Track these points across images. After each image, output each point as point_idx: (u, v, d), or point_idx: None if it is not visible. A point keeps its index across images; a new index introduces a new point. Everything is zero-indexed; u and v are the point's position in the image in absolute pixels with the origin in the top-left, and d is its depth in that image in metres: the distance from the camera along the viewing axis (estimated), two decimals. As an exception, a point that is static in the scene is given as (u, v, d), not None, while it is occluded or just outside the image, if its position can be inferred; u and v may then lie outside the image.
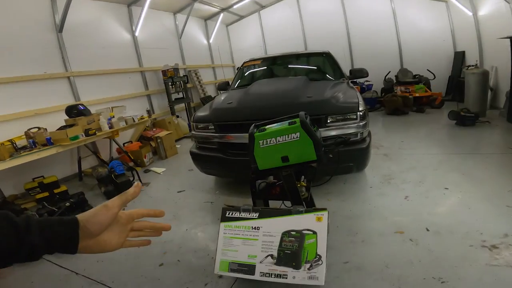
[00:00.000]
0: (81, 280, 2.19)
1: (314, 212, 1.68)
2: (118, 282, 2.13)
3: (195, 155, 3.34)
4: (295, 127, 1.76)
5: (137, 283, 2.10)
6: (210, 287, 1.96)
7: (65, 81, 4.74)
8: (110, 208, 0.57)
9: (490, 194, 2.71)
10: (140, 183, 0.69)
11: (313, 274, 1.59)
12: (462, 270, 1.82)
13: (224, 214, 1.85)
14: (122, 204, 0.60)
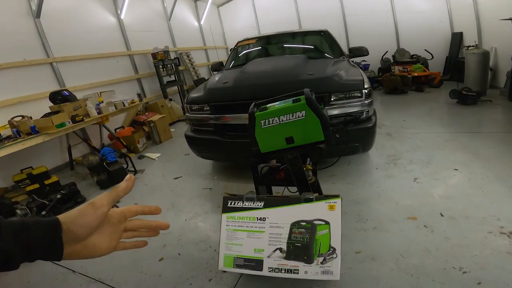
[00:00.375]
0: (79, 279, 2.05)
1: (326, 200, 1.50)
2: (118, 279, 2.00)
3: (191, 138, 3.17)
4: (300, 104, 1.56)
5: (137, 280, 1.96)
6: (214, 282, 1.82)
7: (47, 67, 4.51)
8: (98, 206, 0.49)
9: (502, 175, 2.60)
10: (132, 176, 0.57)
11: (327, 268, 1.45)
12: (483, 259, 1.71)
13: (226, 204, 1.66)
14: (112, 201, 0.52)
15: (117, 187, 0.53)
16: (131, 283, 1.95)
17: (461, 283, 1.57)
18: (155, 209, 0.60)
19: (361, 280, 1.68)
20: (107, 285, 1.96)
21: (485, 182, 2.52)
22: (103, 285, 1.96)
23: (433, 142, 3.55)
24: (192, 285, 1.83)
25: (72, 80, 4.77)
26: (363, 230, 2.10)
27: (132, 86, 6.13)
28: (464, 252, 1.78)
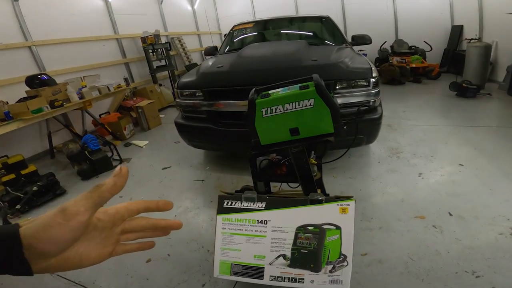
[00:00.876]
0: (57, 281, 1.84)
1: (337, 202, 1.31)
2: (100, 282, 1.80)
3: (181, 126, 2.94)
4: (309, 92, 1.36)
5: (122, 283, 1.77)
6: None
7: (26, 51, 4.19)
8: (70, 215, 0.35)
9: (509, 172, 2.49)
10: (124, 168, 0.41)
11: (336, 278, 1.28)
12: (496, 262, 1.60)
13: (222, 204, 1.43)
14: (93, 206, 0.37)
15: (101, 185, 0.38)
16: (115, 287, 1.76)
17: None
18: (164, 205, 0.46)
19: (369, 285, 1.55)
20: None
21: (492, 180, 2.41)
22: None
23: (436, 135, 3.44)
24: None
25: (54, 64, 4.47)
26: (369, 230, 1.96)
27: (119, 70, 5.80)
28: (476, 255, 1.67)
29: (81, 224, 0.36)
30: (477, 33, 6.41)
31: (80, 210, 0.35)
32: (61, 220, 0.35)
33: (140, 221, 0.46)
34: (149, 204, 0.44)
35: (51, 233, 0.34)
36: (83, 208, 0.36)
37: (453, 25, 7.56)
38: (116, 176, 0.39)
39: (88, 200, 0.36)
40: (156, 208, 0.45)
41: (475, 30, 6.51)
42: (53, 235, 0.35)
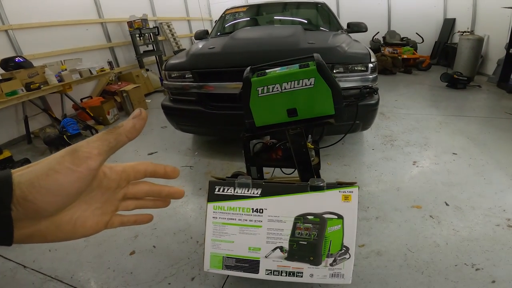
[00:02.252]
0: (31, 275, 1.69)
1: (339, 189, 1.21)
2: (79, 277, 1.66)
3: (169, 108, 2.79)
4: (310, 70, 1.26)
5: (104, 278, 1.63)
6: (198, 282, 1.55)
7: (2, 35, 3.92)
8: (82, 158, 0.27)
9: (502, 162, 2.49)
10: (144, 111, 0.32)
11: (338, 271, 1.20)
12: (495, 255, 1.57)
13: (212, 191, 1.30)
14: (108, 150, 0.29)
15: (119, 127, 0.31)
16: (96, 281, 1.63)
17: (475, 281, 1.43)
18: (172, 171, 0.39)
19: (368, 279, 1.48)
20: (66, 283, 1.62)
21: (486, 169, 2.40)
22: (61, 284, 1.62)
23: (428, 124, 3.44)
24: (171, 285, 1.55)
25: (32, 48, 4.20)
26: (366, 220, 1.89)
27: (103, 54, 5.53)
28: (474, 247, 1.63)
29: (91, 171, 0.29)
30: (469, 26, 6.46)
31: (93, 152, 0.29)
32: (69, 164, 0.27)
33: (144, 186, 0.39)
34: (157, 168, 0.37)
35: (56, 181, 0.27)
36: (97, 151, 0.29)
37: (445, 18, 7.60)
38: (135, 118, 0.32)
39: (103, 142, 0.29)
40: (164, 174, 0.38)
41: (467, 23, 6.56)
42: (58, 184, 0.27)
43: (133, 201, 0.39)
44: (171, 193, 0.41)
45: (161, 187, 0.40)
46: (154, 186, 0.40)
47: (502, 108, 3.90)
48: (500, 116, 3.61)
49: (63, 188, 0.27)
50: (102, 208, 0.35)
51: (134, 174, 0.37)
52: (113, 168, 0.35)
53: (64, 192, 0.28)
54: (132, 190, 0.38)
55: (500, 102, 4.23)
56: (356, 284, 1.44)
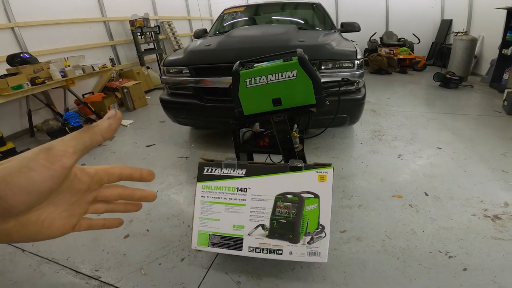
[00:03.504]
0: (29, 258, 1.78)
1: (316, 169, 1.33)
2: (74, 258, 1.75)
3: (166, 102, 2.93)
4: (292, 64, 1.39)
5: (98, 259, 1.73)
6: (187, 262, 1.65)
7: (8, 32, 4.05)
8: (56, 156, 0.27)
9: (484, 156, 2.60)
10: (118, 112, 0.33)
11: (314, 249, 1.31)
12: (468, 243, 1.66)
13: (201, 172, 1.43)
14: (83, 149, 0.29)
15: (94, 126, 0.31)
16: (90, 263, 1.72)
17: (448, 268, 1.51)
18: (147, 174, 0.39)
19: (347, 262, 1.57)
20: (62, 265, 1.72)
21: (467, 163, 2.50)
22: (57, 266, 1.72)
23: (417, 121, 3.55)
24: (162, 265, 1.65)
25: (37, 45, 4.33)
26: (349, 208, 2.00)
27: (105, 52, 5.66)
28: (449, 235, 1.72)
29: (65, 170, 0.28)
30: (464, 27, 6.55)
31: (68, 151, 0.28)
32: (44, 162, 0.26)
33: (116, 189, 0.39)
34: (133, 171, 0.38)
35: (29, 178, 0.26)
36: (72, 150, 0.28)
37: (442, 19, 7.68)
38: (111, 118, 0.32)
39: (78, 140, 0.29)
40: (140, 177, 0.39)
41: (464, 24, 6.65)
42: (31, 181, 0.26)
43: (104, 205, 0.39)
44: (143, 196, 0.41)
45: (134, 190, 0.40)
46: (127, 189, 0.40)
47: (491, 106, 4.00)
48: (488, 114, 3.72)
49: (36, 185, 0.27)
50: (70, 210, 0.34)
51: (108, 177, 0.37)
52: (85, 170, 0.35)
53: (36, 190, 0.27)
54: (104, 193, 0.38)
55: (490, 101, 4.32)
56: (335, 266, 1.54)
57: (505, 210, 1.90)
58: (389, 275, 1.48)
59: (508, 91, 3.85)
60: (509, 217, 1.84)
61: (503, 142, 2.85)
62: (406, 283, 1.43)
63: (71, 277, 1.63)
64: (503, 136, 2.98)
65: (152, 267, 1.64)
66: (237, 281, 1.49)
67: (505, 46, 4.91)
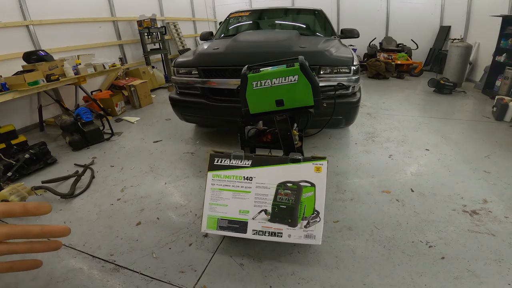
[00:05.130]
0: None
1: (312, 161, 1.53)
2: (90, 244, 1.88)
3: (175, 100, 3.13)
4: (294, 69, 1.59)
5: (112, 245, 1.86)
6: (195, 247, 1.81)
7: (23, 29, 4.23)
8: None
9: (468, 158, 2.81)
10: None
11: (310, 233, 1.51)
12: (447, 235, 1.84)
13: (212, 162, 1.64)
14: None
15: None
16: (105, 248, 1.84)
17: (427, 257, 1.67)
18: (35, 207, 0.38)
19: (339, 249, 1.75)
20: (79, 250, 1.83)
21: (452, 163, 2.71)
22: (74, 251, 1.83)
23: (409, 124, 3.77)
24: (172, 250, 1.79)
25: (49, 43, 4.50)
26: (342, 201, 2.20)
27: (113, 51, 5.86)
28: (430, 227, 1.90)
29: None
30: (462, 34, 6.74)
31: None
32: None
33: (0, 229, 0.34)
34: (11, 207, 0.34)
35: None
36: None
37: (441, 25, 7.89)
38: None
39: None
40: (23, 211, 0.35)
41: (461, 31, 6.84)
42: None
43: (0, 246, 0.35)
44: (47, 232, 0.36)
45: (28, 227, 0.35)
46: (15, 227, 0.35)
47: (481, 112, 4.23)
48: (477, 119, 3.94)
49: None
50: None
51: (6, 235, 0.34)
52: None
53: None
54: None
55: (481, 107, 4.54)
56: (329, 252, 1.73)
57: (483, 206, 2.09)
58: (376, 260, 1.67)
59: (498, 97, 4.05)
60: (486, 212, 2.03)
61: (487, 145, 3.07)
62: (390, 268, 1.61)
63: (88, 261, 1.75)
64: (488, 140, 3.21)
65: (162, 251, 1.79)
66: (240, 263, 1.66)
67: (498, 53, 5.11)
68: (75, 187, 2.53)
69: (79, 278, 1.64)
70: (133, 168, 2.87)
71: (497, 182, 2.39)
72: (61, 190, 2.44)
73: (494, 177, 2.47)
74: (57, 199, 2.37)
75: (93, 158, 3.09)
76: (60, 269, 1.70)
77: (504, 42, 5.02)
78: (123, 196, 2.40)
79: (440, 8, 7.82)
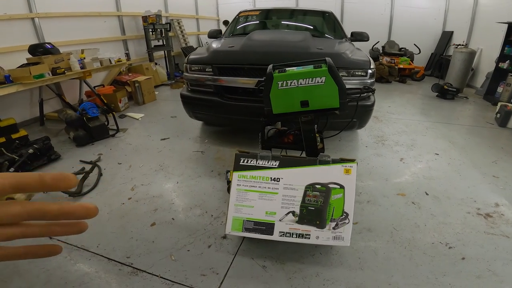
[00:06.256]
0: None
1: (342, 163, 1.52)
2: (104, 246, 1.80)
3: (187, 98, 3.07)
4: (322, 70, 1.56)
5: (128, 246, 1.79)
6: (214, 249, 1.77)
7: (28, 22, 4.13)
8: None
9: (477, 163, 2.85)
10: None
11: (339, 234, 1.50)
12: (465, 236, 1.87)
13: (238, 162, 1.60)
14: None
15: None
16: (120, 249, 1.77)
17: (448, 257, 1.70)
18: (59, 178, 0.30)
19: (361, 250, 1.76)
20: (93, 252, 1.75)
21: (462, 168, 2.75)
22: (87, 253, 1.75)
23: (416, 128, 3.81)
24: (190, 252, 1.74)
25: (53, 36, 4.39)
26: (358, 203, 2.19)
27: (117, 46, 5.78)
28: (448, 229, 1.93)
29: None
30: (465, 39, 6.79)
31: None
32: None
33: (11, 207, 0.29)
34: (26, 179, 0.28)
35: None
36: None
37: (444, 30, 7.96)
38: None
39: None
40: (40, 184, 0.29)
41: (464, 36, 6.89)
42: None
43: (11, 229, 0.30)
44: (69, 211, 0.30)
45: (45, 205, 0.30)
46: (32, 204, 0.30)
47: (484, 118, 4.30)
48: (481, 125, 4.01)
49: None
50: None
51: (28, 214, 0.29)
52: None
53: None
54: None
55: (483, 112, 4.62)
56: (351, 253, 1.72)
57: (496, 210, 2.13)
58: (398, 261, 1.67)
59: (502, 104, 4.13)
60: (499, 215, 2.07)
61: (494, 151, 3.13)
62: (413, 269, 1.62)
63: (104, 264, 1.67)
64: (494, 146, 3.26)
65: (181, 253, 1.73)
66: (263, 266, 1.63)
67: (502, 59, 5.14)
68: (83, 185, 2.46)
69: (96, 283, 1.56)
70: (142, 166, 2.81)
71: (506, 186, 2.45)
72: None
73: (503, 181, 2.52)
74: (64, 197, 2.28)
75: (99, 155, 3.02)
76: (75, 272, 1.62)
77: (508, 48, 5.07)
78: (134, 195, 2.33)
79: (444, 13, 7.91)
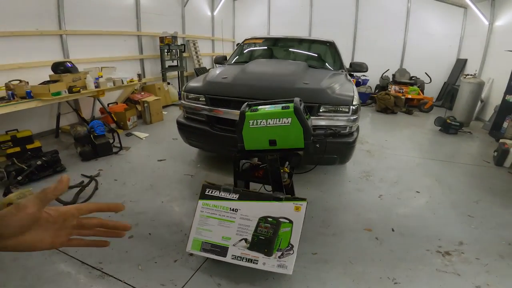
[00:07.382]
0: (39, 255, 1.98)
1: (293, 201, 1.70)
2: (82, 251, 2.00)
3: (181, 124, 3.30)
4: (288, 112, 1.71)
5: (103, 254, 1.99)
6: (179, 264, 1.96)
7: (56, 38, 4.58)
8: (22, 208, 0.46)
9: (457, 202, 2.88)
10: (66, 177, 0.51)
11: (283, 263, 1.64)
12: (414, 273, 1.95)
13: (204, 192, 1.84)
14: (39, 203, 0.48)
15: (47, 188, 0.48)
16: (96, 256, 1.97)
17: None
18: (114, 207, 0.56)
19: (312, 279, 1.87)
20: (70, 256, 1.97)
21: (439, 207, 2.79)
22: (65, 256, 1.97)
23: (406, 165, 3.80)
24: (157, 264, 1.93)
25: (77, 52, 4.81)
26: (324, 235, 2.31)
27: (134, 65, 6.16)
28: (401, 265, 2.01)
29: (31, 215, 0.46)
30: (477, 68, 6.47)
31: (28, 204, 0.46)
32: (14, 212, 0.45)
33: (94, 220, 0.55)
34: (100, 206, 0.54)
35: (7, 221, 0.44)
36: (31, 203, 0.46)
37: (458, 58, 7.67)
38: (58, 182, 0.49)
39: (35, 198, 0.47)
40: (107, 208, 0.54)
41: (477, 65, 6.56)
42: (8, 222, 0.44)
43: (88, 231, 0.55)
44: (115, 226, 0.57)
45: (107, 221, 0.55)
46: (102, 220, 0.55)
47: (482, 156, 4.22)
48: (476, 163, 3.95)
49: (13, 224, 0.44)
50: (56, 233, 0.50)
51: (78, 212, 0.53)
52: (58, 209, 0.51)
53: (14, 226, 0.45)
54: (82, 222, 0.54)
55: (484, 150, 4.51)
56: (300, 281, 1.84)
57: (458, 248, 2.19)
58: (343, 293, 1.77)
59: (501, 141, 3.99)
60: (459, 253, 2.13)
61: (479, 191, 3.12)
62: (355, 303, 1.72)
63: (77, 267, 1.90)
64: (481, 186, 3.25)
65: (148, 264, 1.93)
66: (218, 283, 1.79)
67: (509, 92, 4.74)
68: (78, 197, 2.71)
69: (66, 281, 1.80)
70: (135, 184, 3.04)
71: (480, 226, 2.49)
72: (65, 198, 2.63)
73: (477, 221, 2.55)
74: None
75: (99, 170, 3.28)
76: (50, 271, 1.86)
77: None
78: (121, 210, 2.58)
79: (459, 40, 7.63)
